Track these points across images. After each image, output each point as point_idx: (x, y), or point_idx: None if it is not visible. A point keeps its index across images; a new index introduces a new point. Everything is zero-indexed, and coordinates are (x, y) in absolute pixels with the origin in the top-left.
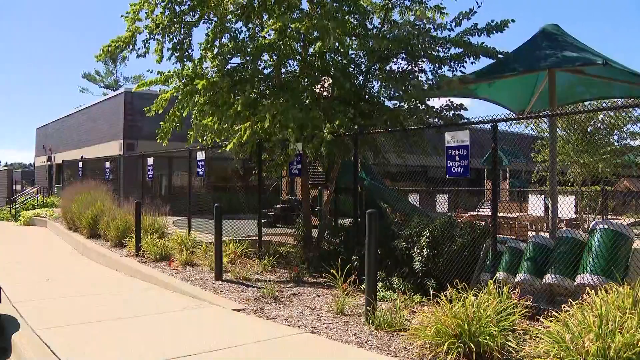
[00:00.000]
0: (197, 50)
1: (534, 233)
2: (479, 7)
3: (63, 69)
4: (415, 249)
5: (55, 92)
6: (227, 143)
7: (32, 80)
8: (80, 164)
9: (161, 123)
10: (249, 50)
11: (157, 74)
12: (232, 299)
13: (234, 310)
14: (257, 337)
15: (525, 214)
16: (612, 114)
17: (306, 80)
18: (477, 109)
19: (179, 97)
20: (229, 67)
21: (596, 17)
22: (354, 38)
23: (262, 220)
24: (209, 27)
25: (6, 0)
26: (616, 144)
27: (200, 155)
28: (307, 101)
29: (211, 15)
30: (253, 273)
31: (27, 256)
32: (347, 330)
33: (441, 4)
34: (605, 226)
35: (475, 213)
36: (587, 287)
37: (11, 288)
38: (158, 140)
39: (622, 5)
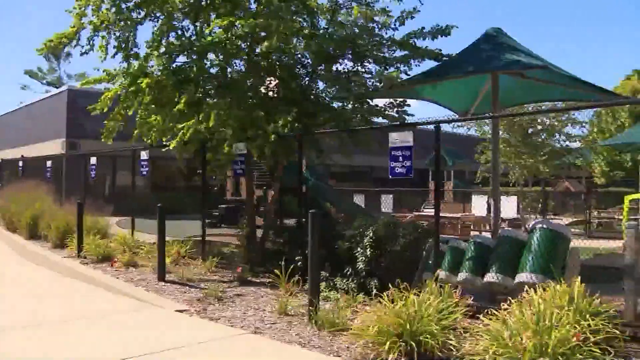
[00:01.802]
0: (144, 48)
1: (477, 233)
2: (422, 5)
3: (2, 64)
4: (359, 249)
5: None
6: (170, 142)
7: None
8: (20, 163)
9: (105, 122)
10: (194, 48)
11: (103, 71)
12: (175, 300)
13: (176, 311)
14: (200, 338)
15: (469, 214)
16: (552, 115)
17: (251, 80)
18: (422, 110)
19: (123, 96)
20: (174, 65)
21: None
22: (300, 38)
23: (207, 221)
24: (155, 25)
25: None
26: (557, 145)
27: (144, 155)
28: (252, 101)
29: (157, 13)
30: (196, 274)
31: None
32: (290, 330)
33: (387, 7)
34: (544, 226)
35: (419, 213)
36: (527, 286)
37: None
38: (103, 139)
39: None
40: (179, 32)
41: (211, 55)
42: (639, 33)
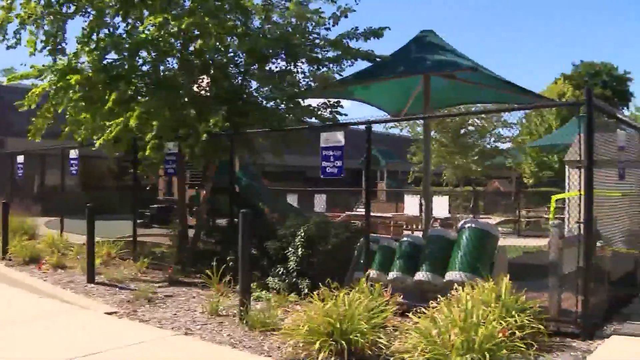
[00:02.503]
0: (74, 43)
1: (410, 232)
2: (357, 4)
3: None
4: (290, 249)
5: None
6: (97, 140)
7: None
8: None
9: (33, 119)
10: (126, 46)
11: (30, 67)
12: (105, 302)
13: (106, 313)
14: (129, 340)
15: (401, 213)
16: (482, 116)
17: (183, 78)
18: (356, 111)
19: (52, 93)
20: (105, 62)
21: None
22: (234, 37)
23: (139, 221)
24: (85, 21)
25: None
26: (488, 146)
27: (74, 154)
28: (183, 100)
29: (89, 9)
30: (127, 275)
31: None
32: (221, 331)
33: (320, 8)
34: (473, 225)
35: (352, 213)
36: (456, 284)
37: None
38: (29, 137)
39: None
40: (110, 29)
41: (143, 53)
42: (566, 39)
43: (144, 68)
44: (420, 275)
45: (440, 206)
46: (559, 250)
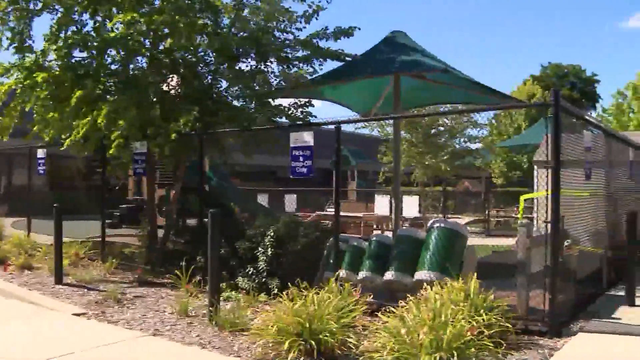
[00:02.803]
0: (42, 41)
1: (380, 232)
2: (328, 3)
3: None
4: (260, 249)
5: None
6: (65, 140)
7: None
8: None
9: (0, 118)
10: (94, 44)
11: None
12: (73, 303)
13: (74, 315)
14: (97, 342)
15: (371, 213)
16: (452, 117)
17: (150, 77)
18: (328, 111)
19: (19, 90)
20: (73, 60)
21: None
22: (204, 36)
23: (108, 221)
24: (53, 18)
25: None
26: (457, 146)
27: (41, 153)
28: (152, 99)
29: (56, 6)
30: (96, 276)
31: None
32: (191, 331)
33: (290, 8)
34: (441, 225)
35: (322, 213)
36: (425, 283)
37: None
38: None
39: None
40: (78, 26)
41: (112, 51)
42: (535, 41)
43: (113, 67)
44: (390, 275)
45: (411, 206)
46: (527, 249)
